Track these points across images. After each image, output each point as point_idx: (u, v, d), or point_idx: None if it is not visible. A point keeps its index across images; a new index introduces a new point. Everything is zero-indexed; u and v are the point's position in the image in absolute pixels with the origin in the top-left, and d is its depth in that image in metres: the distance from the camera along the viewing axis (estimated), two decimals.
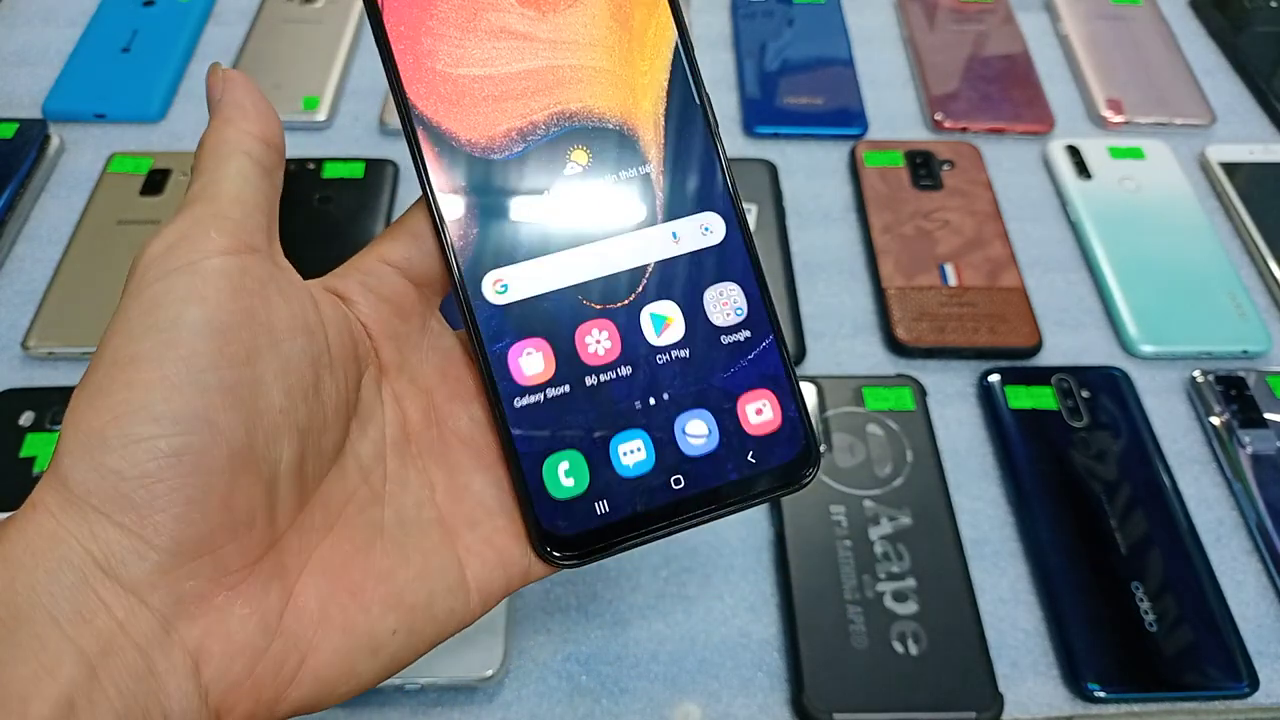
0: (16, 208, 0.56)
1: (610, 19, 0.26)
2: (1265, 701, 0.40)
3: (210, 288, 0.21)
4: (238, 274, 0.21)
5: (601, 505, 0.24)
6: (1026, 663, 0.41)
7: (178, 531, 0.19)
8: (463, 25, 0.25)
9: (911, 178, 0.59)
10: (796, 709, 0.39)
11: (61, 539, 0.19)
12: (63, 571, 0.19)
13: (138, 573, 0.19)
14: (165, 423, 0.19)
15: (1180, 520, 0.45)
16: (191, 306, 0.20)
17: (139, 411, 0.19)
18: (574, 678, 0.40)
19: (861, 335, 0.53)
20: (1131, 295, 0.53)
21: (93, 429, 0.19)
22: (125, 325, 0.20)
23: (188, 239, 0.21)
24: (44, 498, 0.19)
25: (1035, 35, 0.70)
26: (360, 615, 0.22)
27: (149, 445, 0.19)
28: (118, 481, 0.19)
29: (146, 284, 0.21)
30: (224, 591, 0.20)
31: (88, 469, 0.19)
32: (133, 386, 0.19)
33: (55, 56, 0.65)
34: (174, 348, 0.20)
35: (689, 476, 0.25)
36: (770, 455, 0.25)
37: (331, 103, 0.63)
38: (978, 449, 0.48)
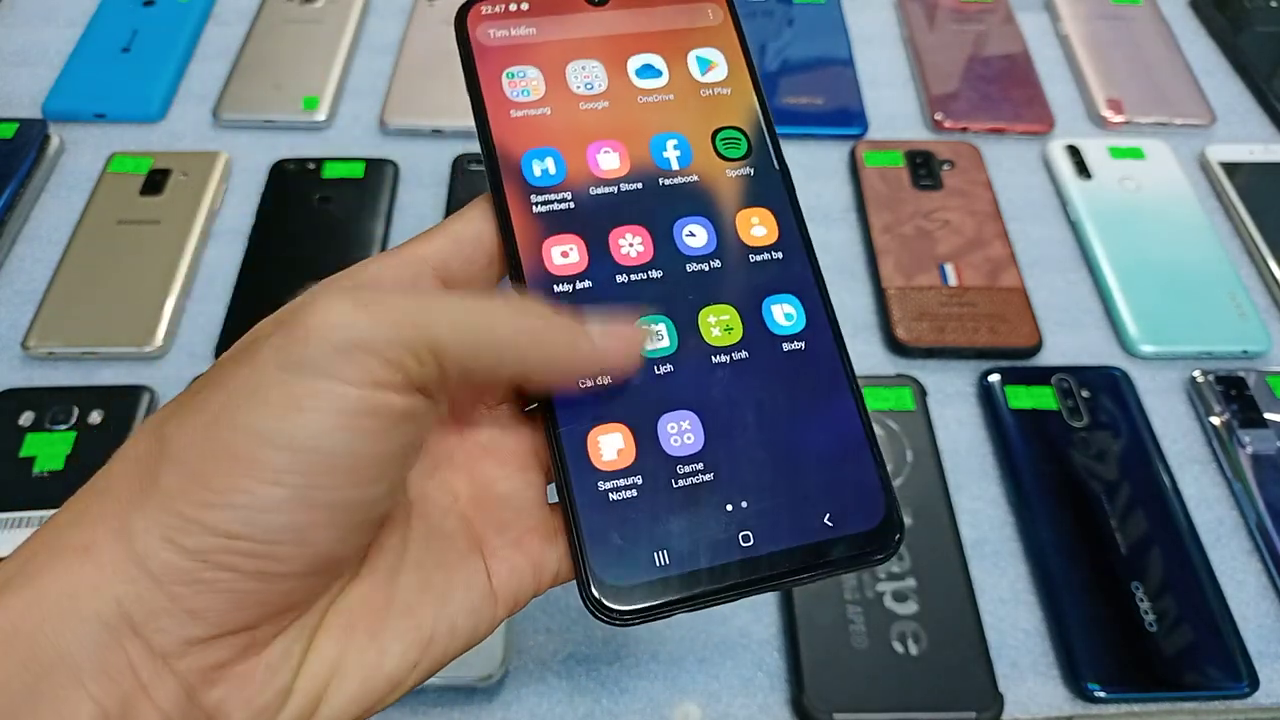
0: (16, 208, 0.56)
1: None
2: (1265, 701, 0.40)
3: (372, 421, 0.19)
4: (408, 420, 0.20)
5: (661, 557, 0.22)
6: (1026, 663, 0.41)
7: (228, 615, 0.19)
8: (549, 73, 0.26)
9: (911, 178, 0.59)
10: (796, 709, 0.39)
11: (104, 593, 0.18)
12: (95, 626, 0.18)
13: (172, 641, 0.19)
14: (258, 530, 0.18)
15: (1180, 520, 0.45)
16: (341, 435, 0.19)
17: (238, 512, 0.18)
18: (574, 678, 0.40)
19: (861, 335, 0.53)
20: (1131, 295, 0.53)
21: (183, 512, 0.18)
22: (259, 413, 0.19)
23: (379, 359, 0.19)
24: (101, 543, 0.18)
25: (1035, 35, 0.70)
26: (378, 658, 0.21)
27: (234, 544, 0.18)
28: (186, 559, 0.18)
29: (307, 372, 0.19)
30: (250, 658, 0.20)
31: (161, 541, 0.18)
32: (238, 487, 0.18)
33: (55, 56, 0.65)
34: (300, 467, 0.19)
35: (758, 536, 0.23)
36: (848, 522, 0.23)
37: (331, 103, 0.63)
38: (978, 449, 0.48)
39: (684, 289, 0.25)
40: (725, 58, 0.28)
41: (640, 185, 0.25)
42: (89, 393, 0.48)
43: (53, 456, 0.45)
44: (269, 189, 0.58)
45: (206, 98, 0.63)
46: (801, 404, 0.24)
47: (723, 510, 0.23)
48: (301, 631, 0.21)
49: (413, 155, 0.60)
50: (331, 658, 0.21)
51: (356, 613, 0.21)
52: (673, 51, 0.27)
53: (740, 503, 0.23)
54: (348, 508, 0.20)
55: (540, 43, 0.26)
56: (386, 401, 0.19)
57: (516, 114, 0.25)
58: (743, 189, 0.26)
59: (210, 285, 0.54)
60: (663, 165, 0.26)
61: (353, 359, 0.19)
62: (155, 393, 0.48)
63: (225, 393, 0.19)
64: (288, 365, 0.19)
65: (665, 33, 0.27)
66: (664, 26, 0.27)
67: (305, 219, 0.56)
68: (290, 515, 0.19)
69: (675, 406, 0.24)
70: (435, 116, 0.62)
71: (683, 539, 0.23)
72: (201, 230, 0.55)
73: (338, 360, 0.19)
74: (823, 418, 0.24)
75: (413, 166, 0.60)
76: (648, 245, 0.25)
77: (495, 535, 0.23)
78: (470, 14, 0.26)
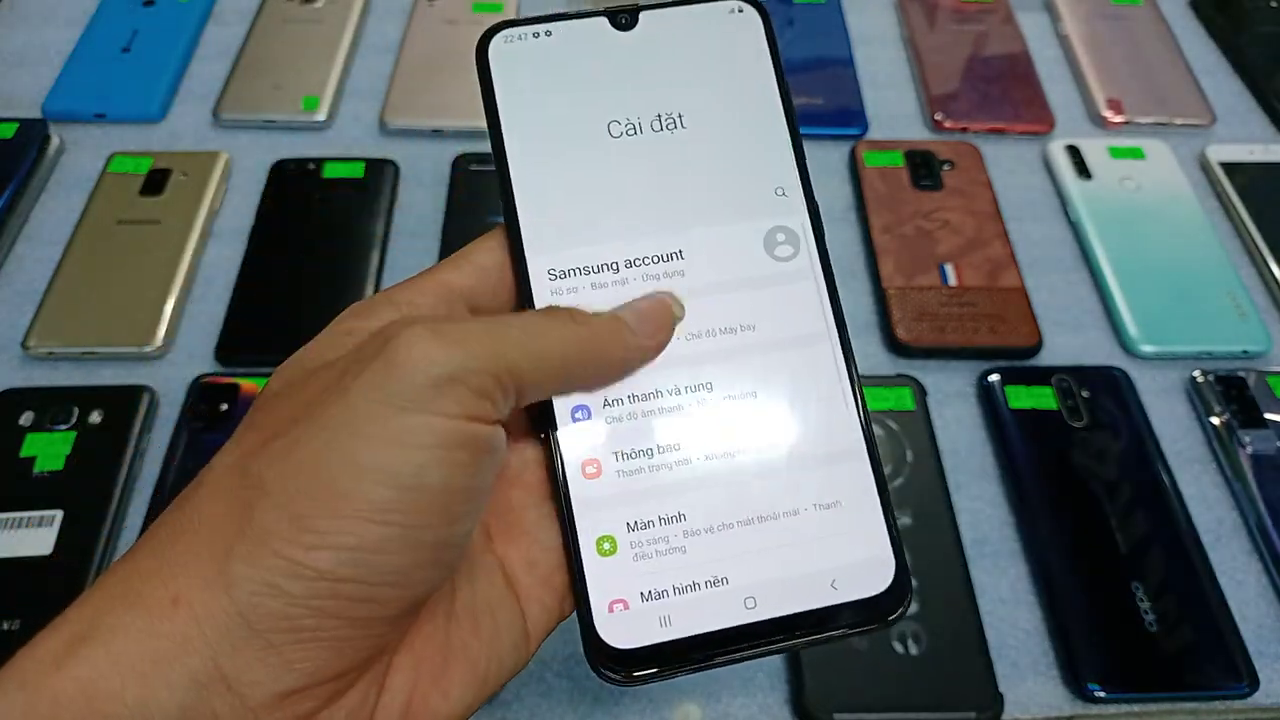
0: (16, 208, 0.56)
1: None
2: (1265, 701, 0.40)
3: (465, 453, 0.19)
4: (489, 449, 0.20)
5: (665, 622, 0.22)
6: (1026, 663, 0.41)
7: (323, 663, 0.18)
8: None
9: (911, 178, 0.59)
10: (796, 709, 0.39)
11: (195, 650, 0.17)
12: (182, 688, 0.17)
13: (267, 693, 0.18)
14: (366, 569, 0.18)
15: (1180, 520, 0.45)
16: (436, 470, 0.19)
17: (342, 554, 0.18)
18: (574, 678, 0.40)
19: (861, 335, 0.53)
20: (1131, 295, 0.53)
21: (285, 553, 0.18)
22: (359, 446, 0.18)
23: (471, 388, 0.19)
24: (191, 594, 0.18)
25: (1035, 35, 0.70)
26: (442, 702, 0.21)
27: (341, 588, 0.18)
28: (288, 605, 0.18)
29: (397, 399, 0.19)
30: (330, 705, 0.19)
31: (261, 584, 0.18)
32: (343, 524, 0.18)
33: (55, 56, 0.65)
34: (404, 503, 0.18)
35: (762, 600, 0.23)
36: (855, 586, 0.23)
37: (331, 103, 0.63)
38: (978, 449, 0.48)
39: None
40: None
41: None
42: (89, 393, 0.48)
43: (53, 456, 0.45)
44: (269, 189, 0.58)
45: (206, 98, 0.63)
46: (813, 467, 0.23)
47: (728, 576, 0.23)
48: (377, 674, 0.20)
49: (413, 155, 0.60)
50: (401, 700, 0.21)
51: (420, 654, 0.21)
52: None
53: (746, 568, 0.23)
54: (444, 546, 0.19)
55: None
56: (475, 433, 0.19)
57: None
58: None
59: (210, 285, 0.54)
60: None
61: (446, 392, 0.19)
62: (155, 393, 0.48)
63: (319, 428, 0.19)
64: (385, 400, 0.19)
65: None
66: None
67: (305, 219, 0.56)
68: (396, 556, 0.18)
69: (681, 467, 0.23)
70: (435, 116, 0.62)
71: (687, 601, 0.22)
72: (201, 230, 0.55)
73: (433, 394, 0.19)
74: (835, 481, 0.23)
75: (413, 166, 0.60)
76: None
77: (526, 574, 0.23)
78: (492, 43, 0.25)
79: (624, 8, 0.25)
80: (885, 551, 0.23)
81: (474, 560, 0.23)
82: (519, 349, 0.20)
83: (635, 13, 0.25)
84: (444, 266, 0.24)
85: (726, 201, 0.25)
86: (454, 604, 0.22)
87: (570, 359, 0.21)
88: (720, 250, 0.24)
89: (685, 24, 0.26)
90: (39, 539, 0.42)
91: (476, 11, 0.68)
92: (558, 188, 0.24)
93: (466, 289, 0.23)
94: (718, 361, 0.24)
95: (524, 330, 0.21)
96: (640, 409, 0.23)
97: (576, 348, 0.22)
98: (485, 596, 0.22)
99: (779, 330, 0.24)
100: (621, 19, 0.25)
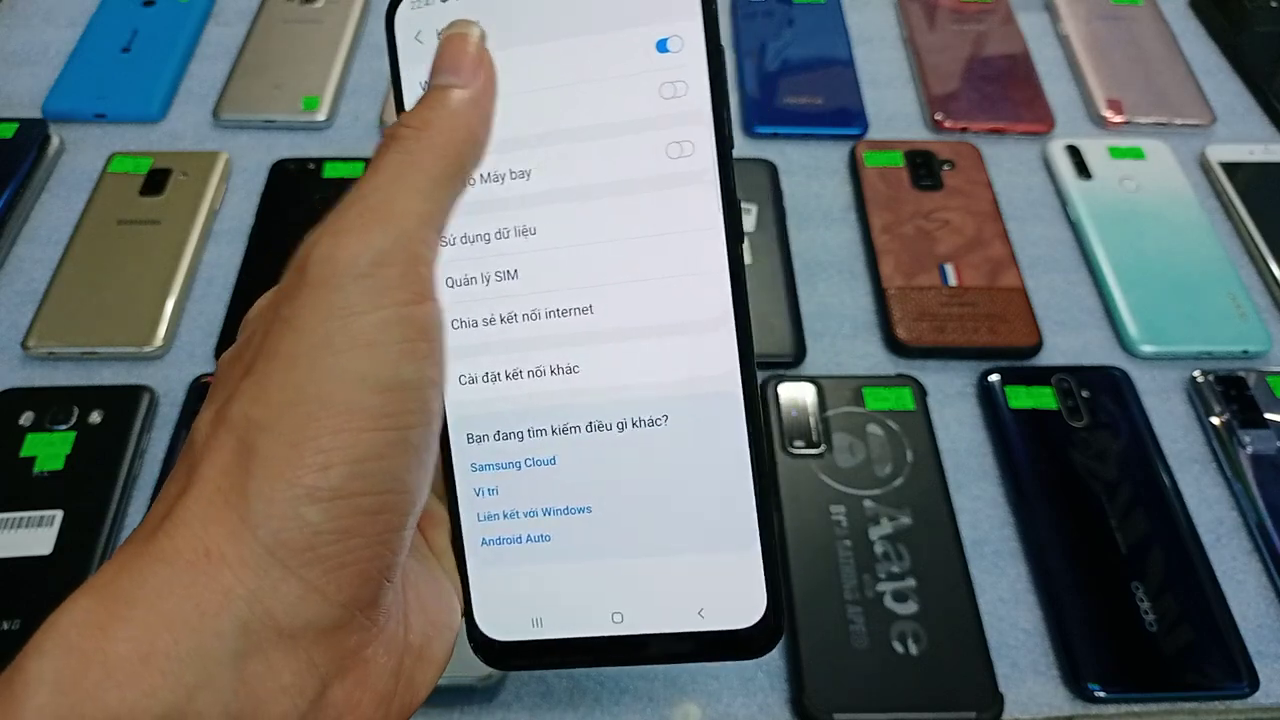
0: (16, 208, 0.56)
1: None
2: (1265, 701, 0.40)
3: (424, 342, 0.20)
4: (437, 328, 0.20)
5: (538, 623, 0.23)
6: (1026, 663, 0.41)
7: (359, 588, 0.19)
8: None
9: (911, 178, 0.59)
10: (796, 709, 0.39)
11: (238, 596, 0.17)
12: (233, 635, 0.17)
13: (316, 630, 0.18)
14: (372, 479, 0.18)
15: (1180, 520, 0.45)
16: (408, 364, 0.19)
17: (351, 467, 0.18)
18: (574, 677, 0.40)
19: (861, 335, 0.53)
20: (1131, 295, 0.53)
21: (299, 479, 0.18)
22: (331, 361, 0.18)
23: (399, 272, 0.19)
24: (219, 544, 0.18)
25: (1035, 35, 0.70)
26: (440, 647, 0.22)
27: (355, 502, 0.18)
28: (312, 534, 0.18)
29: (354, 312, 0.19)
30: (373, 641, 0.20)
31: (285, 518, 0.18)
32: (343, 435, 0.18)
33: (55, 56, 0.65)
34: (391, 404, 0.19)
35: (629, 617, 0.23)
36: (722, 617, 0.22)
37: (331, 103, 0.63)
38: (978, 449, 0.48)
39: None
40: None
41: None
42: (89, 393, 0.48)
43: (53, 456, 0.45)
44: (269, 189, 0.58)
45: (206, 98, 0.63)
46: (690, 479, 0.23)
47: (598, 587, 0.23)
48: (401, 612, 0.21)
49: None
50: (417, 646, 0.21)
51: (424, 604, 0.22)
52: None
53: (615, 581, 0.23)
54: (427, 447, 0.20)
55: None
56: (423, 315, 0.20)
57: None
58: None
59: (210, 285, 0.54)
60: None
61: (381, 283, 0.19)
62: (155, 393, 0.48)
63: (284, 359, 0.19)
64: (330, 315, 0.19)
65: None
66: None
67: (305, 219, 0.56)
68: (395, 460, 0.19)
69: (564, 480, 0.23)
70: None
71: (558, 607, 0.23)
72: (201, 230, 0.55)
73: (369, 290, 0.19)
74: (712, 498, 0.22)
75: None
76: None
77: (446, 557, 0.24)
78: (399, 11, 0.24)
79: None
80: (758, 587, 0.22)
81: (418, 543, 0.23)
82: (409, 203, 0.20)
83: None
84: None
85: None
86: (430, 561, 0.23)
87: (450, 168, 0.21)
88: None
89: None
90: (39, 539, 0.42)
91: None
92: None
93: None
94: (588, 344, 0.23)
95: (397, 186, 0.20)
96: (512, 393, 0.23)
97: (447, 154, 0.21)
98: (433, 566, 0.23)
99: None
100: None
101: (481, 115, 0.22)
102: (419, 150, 0.20)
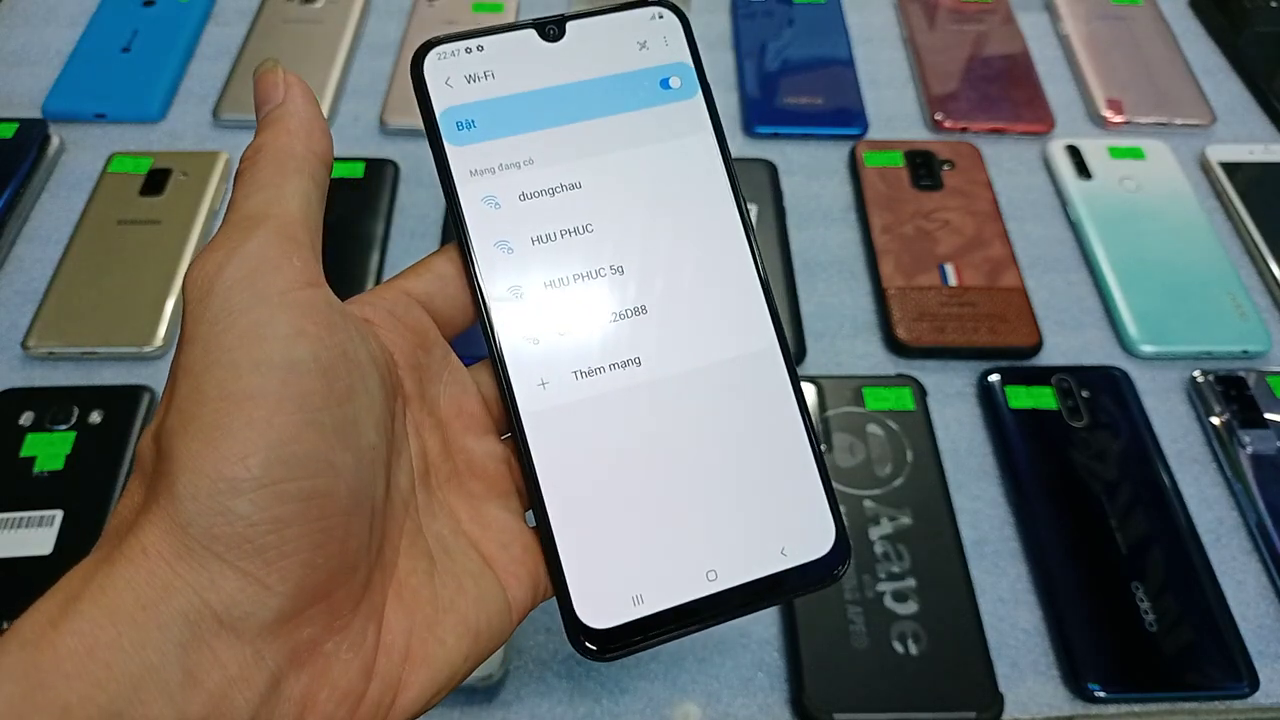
0: (16, 208, 0.56)
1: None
2: (1265, 701, 0.40)
3: (311, 323, 0.20)
4: (327, 309, 0.21)
5: (639, 600, 0.24)
6: (1026, 663, 0.41)
7: (303, 578, 0.19)
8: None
9: (911, 178, 0.59)
10: (796, 709, 0.39)
11: (177, 590, 0.18)
12: (176, 627, 0.18)
13: (258, 623, 0.18)
14: (294, 465, 0.19)
15: (1180, 520, 0.45)
16: (300, 343, 0.20)
17: (268, 453, 0.18)
18: (574, 678, 0.40)
19: (861, 335, 0.53)
20: (1131, 295, 0.53)
21: (219, 472, 0.18)
22: (224, 356, 0.19)
23: (271, 264, 0.20)
24: (155, 543, 0.18)
25: (1035, 35, 0.70)
26: (438, 648, 0.22)
27: (280, 489, 0.18)
28: (245, 527, 0.18)
29: (236, 310, 0.19)
30: (333, 637, 0.20)
31: (213, 513, 0.18)
32: (255, 425, 0.19)
33: (55, 56, 0.65)
34: (290, 386, 0.19)
35: (723, 573, 0.25)
36: (802, 550, 0.25)
37: (331, 103, 0.63)
38: (978, 449, 0.48)
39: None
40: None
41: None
42: (89, 393, 0.48)
43: (53, 456, 0.45)
44: None
45: (206, 98, 0.63)
46: (752, 435, 0.25)
47: (690, 549, 0.24)
48: (372, 610, 0.21)
49: (413, 155, 0.60)
50: (400, 646, 0.21)
51: (411, 606, 0.22)
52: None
53: (705, 539, 0.25)
54: (349, 427, 0.20)
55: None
56: (306, 300, 0.20)
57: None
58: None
59: None
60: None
61: (256, 276, 0.20)
62: (155, 393, 0.48)
63: (187, 370, 0.20)
64: (214, 319, 0.20)
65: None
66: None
67: None
68: (310, 443, 0.19)
69: (637, 447, 0.25)
70: None
71: (656, 579, 0.24)
72: (201, 230, 0.55)
73: (249, 284, 0.20)
74: (774, 447, 0.25)
75: (413, 166, 0.60)
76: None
77: (500, 552, 0.24)
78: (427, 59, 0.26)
79: (551, 19, 0.26)
80: (825, 515, 0.25)
81: (446, 542, 0.24)
82: (268, 208, 0.21)
83: (562, 24, 0.26)
84: (405, 274, 0.25)
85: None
86: (435, 568, 0.23)
87: (286, 168, 0.22)
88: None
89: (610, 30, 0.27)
90: (39, 539, 0.42)
91: (476, 11, 0.68)
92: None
93: (424, 294, 0.25)
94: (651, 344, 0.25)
95: (249, 201, 0.22)
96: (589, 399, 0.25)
97: (281, 159, 0.22)
98: (465, 567, 0.23)
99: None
100: (549, 30, 0.26)
101: (300, 118, 0.23)
102: (260, 168, 0.22)
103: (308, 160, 0.23)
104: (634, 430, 0.25)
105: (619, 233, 0.26)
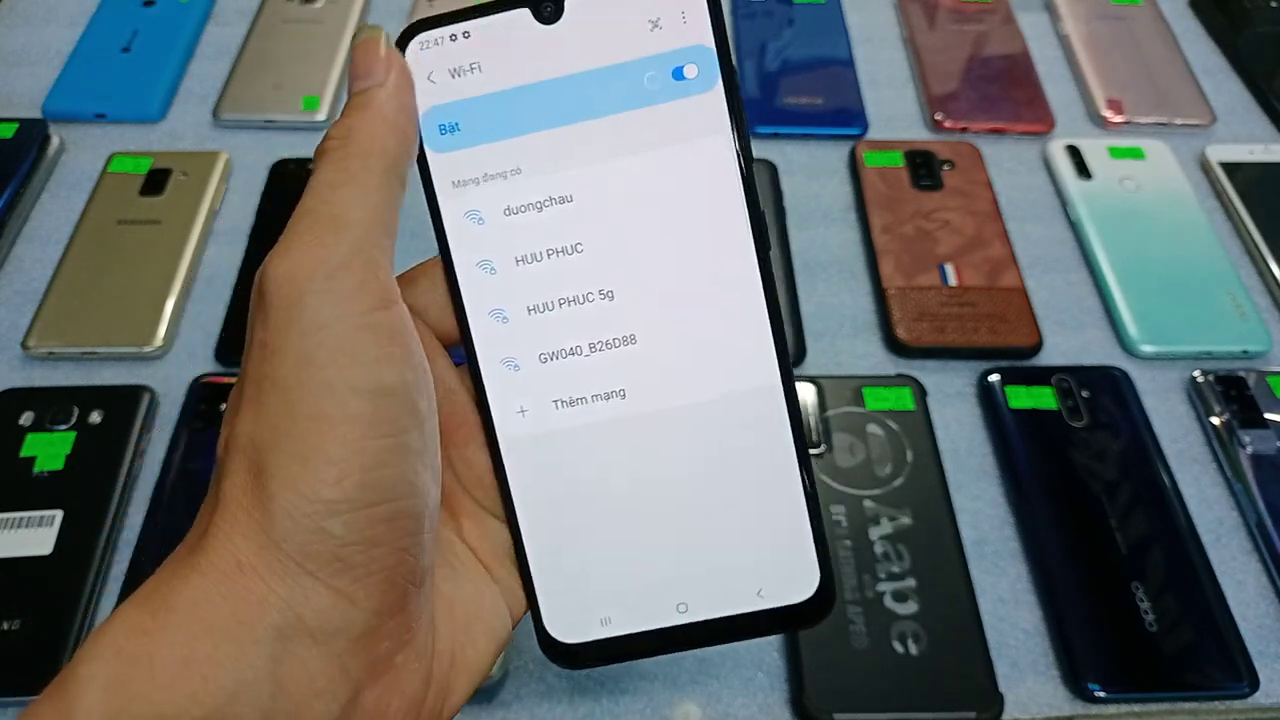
0: (16, 208, 0.56)
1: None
2: (1265, 701, 0.40)
3: (397, 346, 0.20)
4: (405, 330, 0.21)
5: (605, 621, 0.24)
6: (1026, 663, 0.41)
7: (385, 593, 0.19)
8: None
9: (911, 178, 0.59)
10: (796, 709, 0.39)
11: (271, 605, 0.18)
12: (269, 642, 0.18)
13: (346, 638, 0.19)
14: (384, 489, 0.19)
15: (1180, 520, 0.45)
16: (387, 369, 0.20)
17: (361, 476, 0.19)
18: (574, 678, 0.40)
19: (861, 335, 0.53)
20: (1131, 295, 0.53)
21: (316, 494, 0.18)
22: (317, 374, 0.19)
23: (356, 280, 0.20)
24: (250, 558, 0.18)
25: (1035, 35, 0.70)
26: (474, 654, 0.23)
27: (371, 512, 0.19)
28: (338, 546, 0.19)
29: (324, 325, 0.19)
30: (403, 649, 0.20)
31: (308, 532, 0.18)
32: (348, 448, 0.19)
33: (55, 56, 0.65)
34: (380, 411, 0.19)
35: (693, 605, 0.24)
36: (781, 594, 0.24)
37: (332, 103, 0.63)
38: (978, 449, 0.48)
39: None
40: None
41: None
42: (89, 393, 0.48)
43: (53, 456, 0.45)
44: (269, 189, 0.58)
45: (206, 98, 0.63)
46: (740, 474, 0.24)
47: (661, 580, 0.24)
48: (429, 621, 0.22)
49: None
50: (447, 653, 0.22)
51: (449, 614, 0.23)
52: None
53: (677, 572, 0.24)
54: (426, 450, 0.21)
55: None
56: (389, 321, 0.20)
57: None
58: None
59: (210, 285, 0.54)
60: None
61: (344, 289, 0.19)
62: (155, 393, 0.48)
63: (272, 379, 0.19)
64: (304, 332, 0.19)
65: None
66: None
67: None
68: (398, 467, 0.19)
69: (614, 473, 0.24)
70: None
71: (625, 604, 0.24)
72: (201, 230, 0.55)
73: (331, 301, 0.19)
74: (763, 489, 0.24)
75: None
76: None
77: (497, 564, 0.25)
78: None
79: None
80: (810, 562, 0.24)
81: (456, 549, 0.24)
82: (352, 210, 0.20)
83: (560, 0, 0.23)
84: (402, 281, 0.24)
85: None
86: (455, 574, 0.24)
87: (380, 168, 0.21)
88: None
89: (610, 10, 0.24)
90: (39, 539, 0.42)
91: None
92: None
93: (421, 306, 0.24)
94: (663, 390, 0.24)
95: (336, 197, 0.21)
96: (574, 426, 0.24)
97: (375, 156, 0.21)
98: (472, 576, 0.24)
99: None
100: (546, 8, 0.23)
101: (399, 107, 0.22)
102: (348, 159, 0.21)
103: (400, 160, 0.22)
104: (613, 463, 0.24)
105: (611, 253, 0.23)
